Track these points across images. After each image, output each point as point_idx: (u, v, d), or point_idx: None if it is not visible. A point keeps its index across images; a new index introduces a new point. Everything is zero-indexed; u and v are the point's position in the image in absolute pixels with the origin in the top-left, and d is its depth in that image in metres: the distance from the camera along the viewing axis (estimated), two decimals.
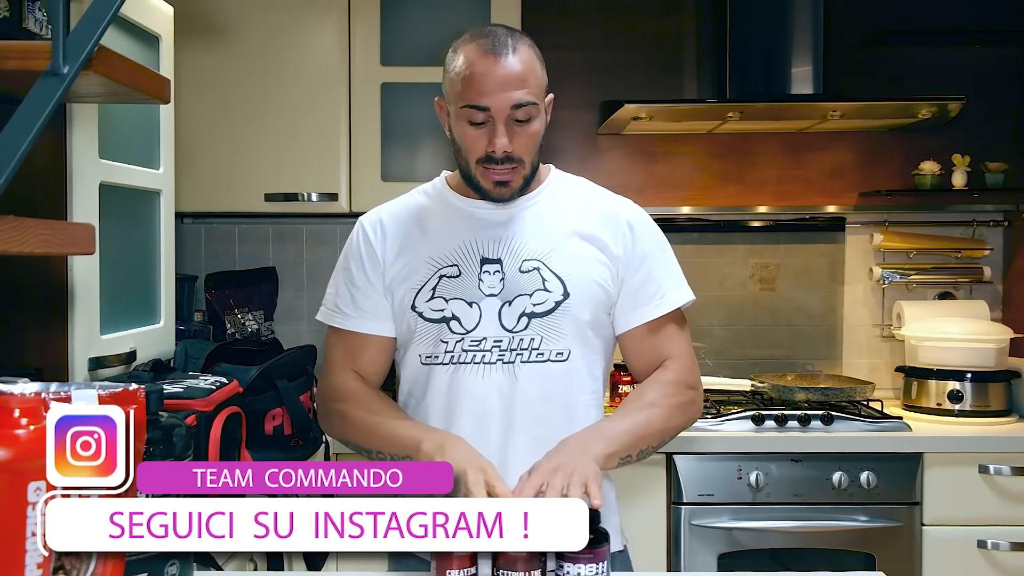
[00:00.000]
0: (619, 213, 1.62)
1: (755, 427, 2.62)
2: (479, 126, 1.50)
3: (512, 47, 1.49)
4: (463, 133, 1.52)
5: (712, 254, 3.18)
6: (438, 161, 2.88)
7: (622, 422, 1.51)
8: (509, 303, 1.54)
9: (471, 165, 1.54)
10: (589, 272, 1.56)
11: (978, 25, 3.09)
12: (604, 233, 1.59)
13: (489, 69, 1.47)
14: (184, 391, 1.79)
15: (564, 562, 1.21)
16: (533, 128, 1.52)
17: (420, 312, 1.55)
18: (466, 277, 1.55)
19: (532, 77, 1.50)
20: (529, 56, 1.51)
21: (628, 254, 1.59)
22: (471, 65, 1.48)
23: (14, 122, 1.07)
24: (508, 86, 1.47)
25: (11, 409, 0.96)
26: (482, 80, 1.47)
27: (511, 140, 1.50)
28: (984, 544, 2.55)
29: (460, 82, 1.50)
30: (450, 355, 1.54)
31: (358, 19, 2.82)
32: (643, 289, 1.59)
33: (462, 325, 1.54)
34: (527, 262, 1.55)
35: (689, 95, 3.16)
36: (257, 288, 3.11)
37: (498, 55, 1.48)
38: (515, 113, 1.49)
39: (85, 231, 1.27)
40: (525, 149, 1.52)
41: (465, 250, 1.57)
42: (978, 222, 3.14)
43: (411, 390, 1.61)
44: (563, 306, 1.54)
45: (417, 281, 1.57)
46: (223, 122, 2.82)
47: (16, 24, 1.60)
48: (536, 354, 1.53)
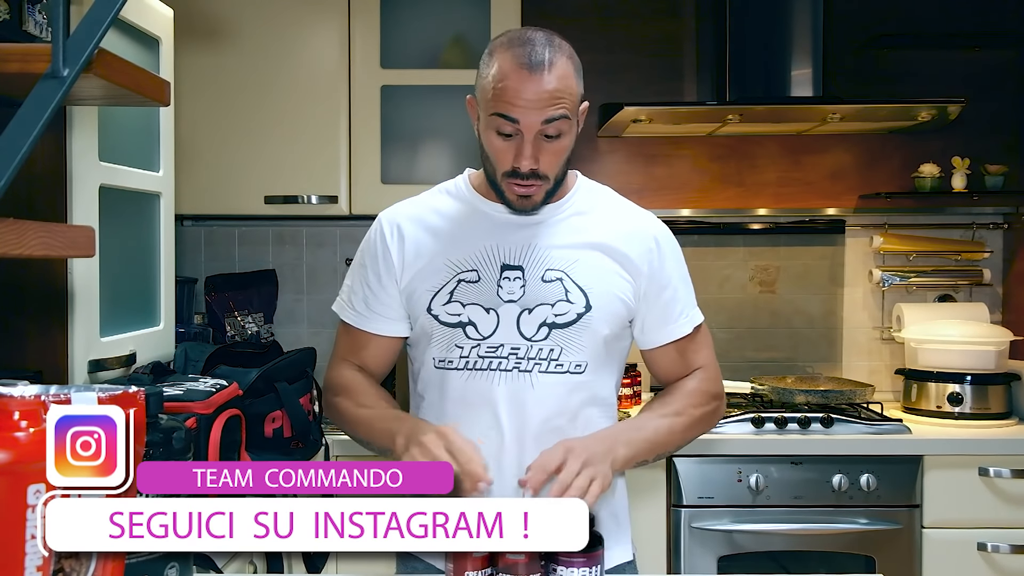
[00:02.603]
0: (646, 228, 1.61)
1: (755, 430, 2.62)
2: (507, 138, 1.47)
3: (549, 61, 1.44)
4: (491, 143, 1.49)
5: (712, 256, 3.19)
6: (438, 163, 2.88)
7: (646, 428, 1.53)
8: (529, 311, 1.52)
9: (498, 176, 1.51)
10: (611, 286, 1.55)
11: (978, 28, 3.09)
12: (629, 248, 1.58)
13: (523, 84, 1.43)
14: (184, 393, 1.79)
15: (558, 565, 1.20)
16: (563, 144, 1.49)
17: (436, 315, 1.54)
18: (485, 283, 1.53)
19: (567, 93, 1.45)
20: (566, 71, 1.46)
21: (653, 271, 1.58)
22: (505, 77, 1.44)
23: (14, 125, 1.07)
24: (541, 103, 1.43)
25: (11, 412, 0.96)
26: (514, 94, 1.43)
27: (538, 157, 1.47)
28: (984, 547, 2.55)
29: (492, 91, 1.46)
30: (465, 360, 1.53)
31: (358, 21, 2.82)
32: (671, 307, 1.60)
33: (478, 331, 1.52)
34: (550, 271, 1.54)
35: (689, 98, 3.16)
36: (257, 290, 3.11)
37: (533, 70, 1.43)
38: (545, 128, 1.45)
39: (85, 233, 1.27)
40: (551, 166, 1.49)
41: (485, 255, 1.55)
42: (978, 225, 3.15)
43: (424, 392, 1.60)
44: (584, 319, 1.52)
45: (435, 284, 1.55)
46: (223, 124, 2.82)
47: (16, 27, 1.60)
48: (555, 365, 1.52)
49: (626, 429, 1.52)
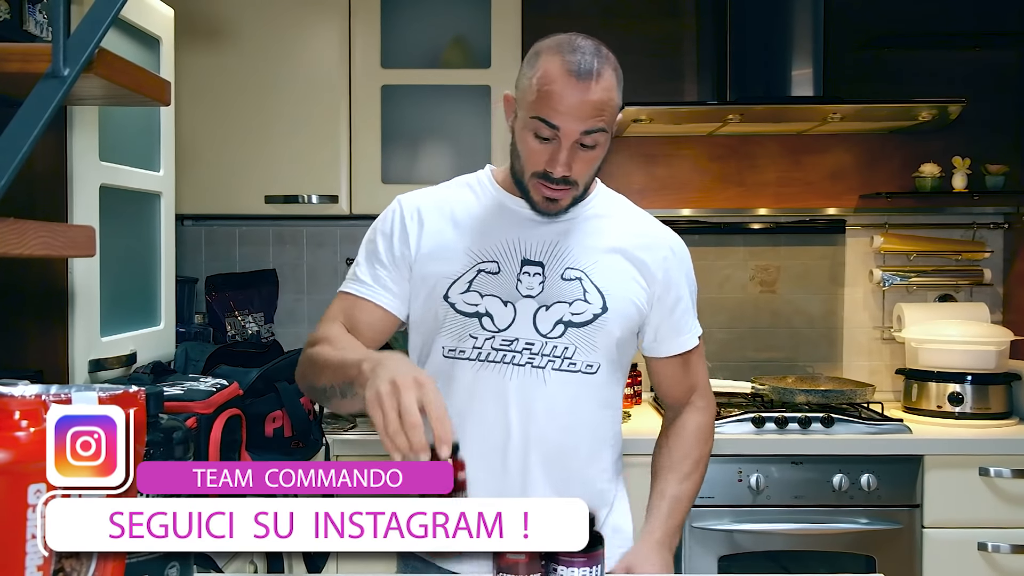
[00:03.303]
0: (663, 237, 1.63)
1: (755, 429, 2.62)
2: (544, 141, 1.46)
3: (597, 72, 1.43)
4: (526, 144, 1.49)
5: (712, 256, 3.19)
6: (438, 163, 2.88)
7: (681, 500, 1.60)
8: (547, 308, 1.52)
9: (526, 175, 1.51)
10: (627, 291, 1.56)
11: (978, 28, 3.09)
12: (646, 254, 1.59)
13: (569, 92, 1.42)
14: (184, 393, 1.79)
15: (558, 565, 1.20)
16: (597, 153, 1.50)
17: (453, 303, 1.53)
18: (505, 275, 1.53)
19: (609, 106, 1.45)
20: (611, 83, 1.45)
21: (667, 279, 1.60)
22: (551, 81, 1.43)
23: (15, 124, 1.08)
24: (584, 114, 1.43)
25: (11, 412, 0.96)
26: (559, 100, 1.42)
27: (572, 164, 1.47)
28: (985, 546, 2.55)
29: (535, 92, 1.45)
30: (478, 351, 1.52)
31: (358, 21, 2.82)
32: (681, 319, 1.63)
33: (494, 323, 1.52)
34: (570, 270, 1.54)
35: (689, 97, 3.16)
36: (257, 290, 3.11)
37: (580, 79, 1.42)
38: (584, 139, 1.45)
39: (85, 233, 1.28)
40: (582, 174, 1.50)
41: (507, 248, 1.55)
42: (978, 224, 3.14)
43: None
44: (600, 319, 1.53)
45: (453, 272, 1.54)
46: (223, 124, 2.82)
47: (17, 27, 1.60)
48: (568, 363, 1.52)
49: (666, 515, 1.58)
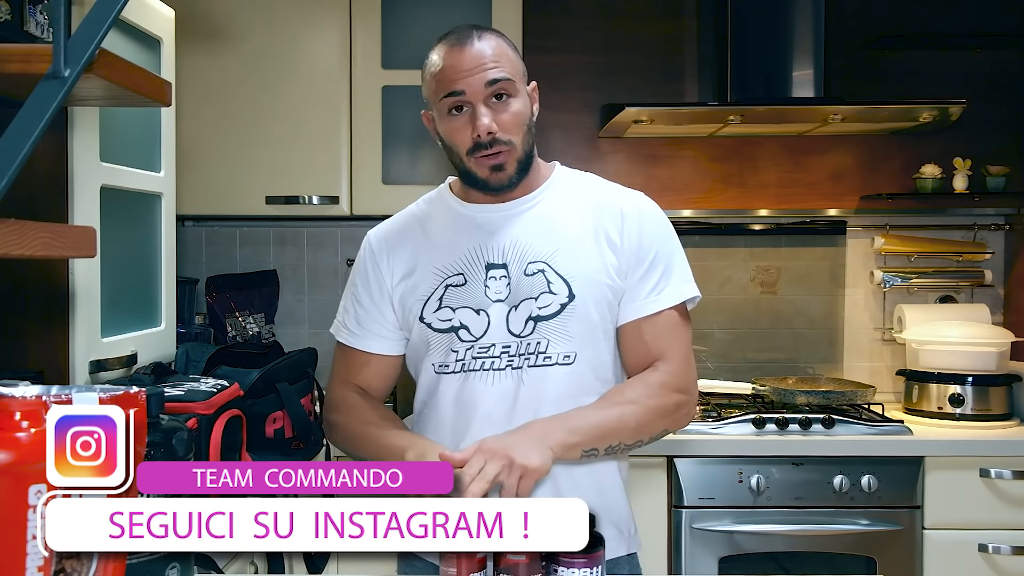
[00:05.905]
0: (626, 203, 1.59)
1: (756, 430, 2.62)
2: (459, 113, 1.51)
3: (478, 35, 1.52)
4: (448, 127, 1.52)
5: (713, 257, 3.19)
6: (439, 164, 2.88)
7: (593, 415, 1.48)
8: (515, 308, 1.52)
9: (464, 159, 1.53)
10: (594, 271, 1.53)
11: (979, 29, 3.09)
12: (610, 225, 1.56)
13: (457, 57, 1.50)
14: (185, 394, 1.79)
15: (559, 565, 1.20)
16: (514, 107, 1.51)
17: (429, 323, 1.55)
18: (472, 284, 1.54)
19: (503, 57, 1.51)
20: (497, 41, 1.53)
21: (633, 245, 1.55)
22: (442, 59, 1.51)
23: (15, 125, 1.08)
24: (479, 67, 1.48)
25: (12, 412, 0.96)
26: (453, 69, 1.49)
27: (493, 120, 1.49)
28: (985, 548, 2.55)
29: (434, 81, 1.52)
30: (460, 363, 1.53)
31: (359, 22, 2.82)
32: (643, 283, 1.55)
33: (471, 333, 1.53)
34: (532, 264, 1.53)
35: (690, 98, 3.16)
36: (258, 291, 3.11)
37: (463, 44, 1.50)
38: (491, 91, 1.49)
39: (86, 234, 1.28)
40: (510, 128, 1.50)
41: (470, 257, 1.56)
42: (979, 226, 3.14)
43: (425, 399, 1.60)
44: (569, 308, 1.52)
45: (424, 292, 1.56)
46: (224, 125, 2.82)
47: (17, 27, 1.60)
48: (543, 358, 1.52)
49: (569, 415, 1.48)
